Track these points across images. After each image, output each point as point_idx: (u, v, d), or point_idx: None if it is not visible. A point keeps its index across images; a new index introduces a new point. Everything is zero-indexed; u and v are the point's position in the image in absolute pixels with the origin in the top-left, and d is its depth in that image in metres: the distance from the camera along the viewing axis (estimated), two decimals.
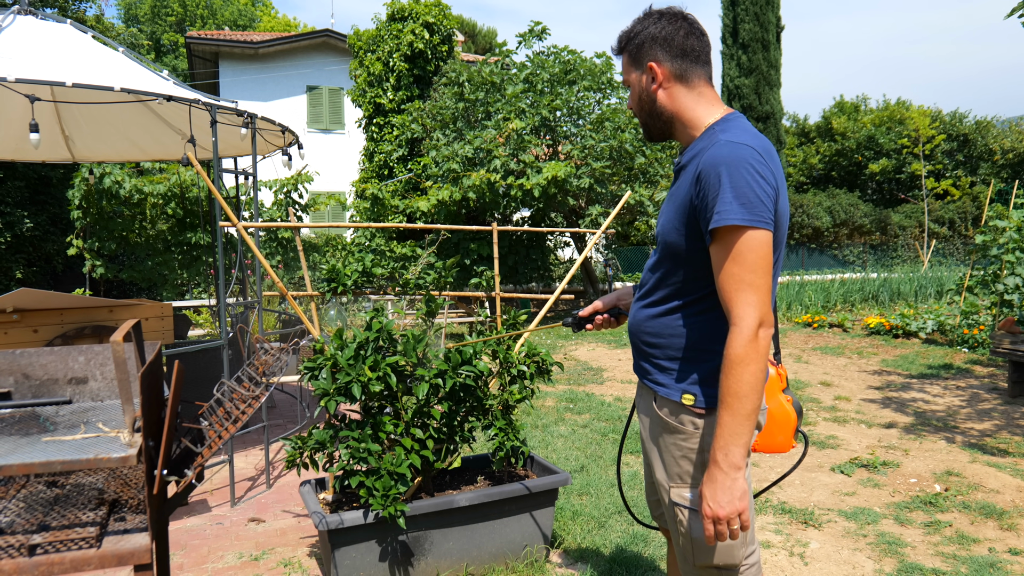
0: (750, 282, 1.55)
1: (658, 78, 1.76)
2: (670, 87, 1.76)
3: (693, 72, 1.75)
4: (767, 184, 1.57)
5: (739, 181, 1.55)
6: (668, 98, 1.77)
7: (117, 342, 1.86)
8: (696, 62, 1.75)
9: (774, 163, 1.64)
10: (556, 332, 11.50)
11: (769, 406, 1.90)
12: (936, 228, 24.82)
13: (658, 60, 1.75)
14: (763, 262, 1.55)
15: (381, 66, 15.19)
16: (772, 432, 1.93)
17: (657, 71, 1.75)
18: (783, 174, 1.69)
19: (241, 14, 39.89)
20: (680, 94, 1.76)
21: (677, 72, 1.75)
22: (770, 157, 1.64)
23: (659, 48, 1.74)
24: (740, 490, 1.55)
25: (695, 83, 1.76)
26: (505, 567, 3.13)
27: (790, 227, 22.74)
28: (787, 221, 1.71)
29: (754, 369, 1.53)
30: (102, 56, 4.38)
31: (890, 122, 27.98)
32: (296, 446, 2.94)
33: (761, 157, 1.60)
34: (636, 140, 11.57)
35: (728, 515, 1.55)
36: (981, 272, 8.60)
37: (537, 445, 4.99)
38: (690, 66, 1.75)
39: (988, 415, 5.68)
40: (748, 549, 1.76)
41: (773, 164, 1.64)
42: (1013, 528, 3.52)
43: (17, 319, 4.56)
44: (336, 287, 3.62)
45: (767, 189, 1.57)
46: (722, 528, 1.56)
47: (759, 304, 1.54)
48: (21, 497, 1.92)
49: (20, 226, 14.22)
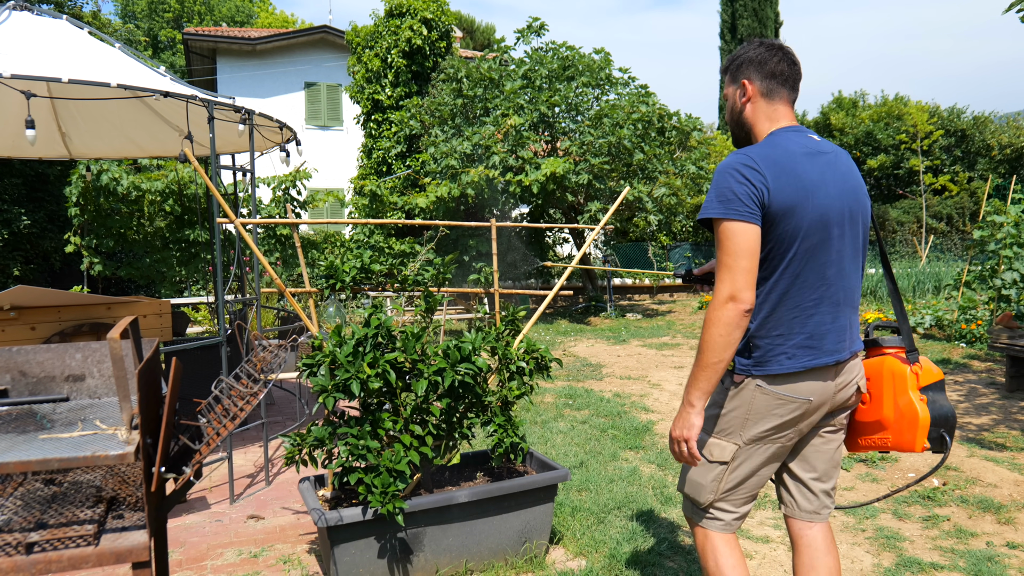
0: (727, 264, 1.88)
1: (748, 93, 2.10)
2: (756, 102, 2.09)
3: (777, 93, 2.08)
4: (750, 185, 1.88)
5: (721, 183, 1.92)
6: (752, 111, 2.10)
7: (115, 339, 1.86)
8: (783, 84, 2.08)
9: (773, 168, 1.91)
10: (555, 329, 11.50)
11: (899, 402, 2.03)
12: (934, 223, 24.84)
13: (750, 79, 2.09)
14: (738, 248, 1.87)
15: (379, 62, 15.16)
16: (900, 428, 2.03)
17: (748, 88, 2.10)
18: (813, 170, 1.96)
19: (239, 10, 39.78)
20: (760, 109, 2.09)
21: (764, 90, 2.08)
22: (768, 163, 1.92)
23: (753, 69, 2.09)
24: (689, 423, 1.93)
25: (776, 102, 2.08)
26: (504, 563, 3.13)
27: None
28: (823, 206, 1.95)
29: (716, 331, 1.87)
30: (99, 52, 4.36)
31: (888, 118, 27.96)
32: (295, 443, 2.94)
33: (750, 162, 1.92)
34: (634, 136, 11.56)
35: (676, 437, 1.96)
36: (979, 267, 8.61)
37: (536, 441, 4.99)
38: (776, 87, 2.07)
39: (986, 410, 5.69)
40: (721, 504, 2.09)
41: (769, 169, 1.91)
42: (1011, 522, 3.52)
43: (15, 316, 4.55)
44: (334, 284, 3.61)
45: (748, 189, 1.88)
46: (674, 447, 1.99)
47: (731, 282, 1.86)
48: (18, 495, 1.92)
49: (17, 223, 14.19)
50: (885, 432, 2.08)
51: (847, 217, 2.00)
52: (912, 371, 2.04)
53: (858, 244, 2.06)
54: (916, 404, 2.00)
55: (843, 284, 2.01)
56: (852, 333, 2.06)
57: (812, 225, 1.92)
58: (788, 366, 1.95)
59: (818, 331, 1.97)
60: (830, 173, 1.99)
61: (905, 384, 2.03)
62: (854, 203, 2.02)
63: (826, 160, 2.00)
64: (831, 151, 2.04)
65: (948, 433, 2.02)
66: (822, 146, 2.04)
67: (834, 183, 1.98)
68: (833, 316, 1.99)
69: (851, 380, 2.07)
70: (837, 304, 2.00)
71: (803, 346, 1.96)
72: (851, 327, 2.06)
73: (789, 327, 1.96)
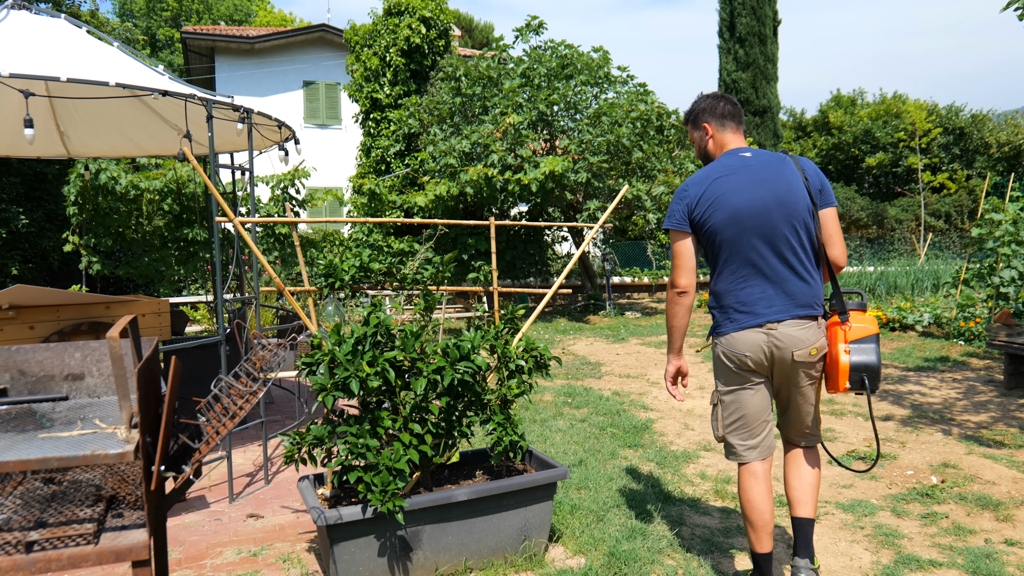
0: (673, 263, 2.75)
1: (709, 133, 2.84)
2: (715, 138, 2.84)
3: (727, 127, 2.82)
4: (682, 203, 2.70)
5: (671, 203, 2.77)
6: (712, 145, 2.85)
7: (114, 338, 1.86)
8: (731, 120, 2.81)
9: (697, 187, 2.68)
10: (555, 328, 11.50)
11: (832, 352, 2.63)
12: (932, 221, 24.84)
13: (708, 122, 2.84)
14: (675, 248, 2.74)
15: (378, 61, 15.14)
16: (830, 372, 2.65)
17: (709, 129, 2.84)
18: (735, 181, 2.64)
19: (237, 9, 39.71)
20: (716, 142, 2.83)
21: (719, 127, 2.82)
22: (694, 184, 2.70)
23: (708, 115, 2.84)
24: (667, 370, 2.90)
25: (727, 134, 2.82)
26: (504, 561, 3.13)
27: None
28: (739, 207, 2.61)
29: (670, 310, 2.77)
30: (97, 51, 4.35)
31: (887, 116, 27.96)
32: (294, 442, 2.94)
33: (685, 186, 2.73)
34: (633, 134, 11.55)
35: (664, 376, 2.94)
36: (977, 265, 8.61)
37: (535, 439, 5.00)
38: (726, 123, 2.82)
39: (984, 407, 5.70)
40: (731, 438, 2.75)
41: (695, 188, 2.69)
42: (1009, 519, 3.53)
43: (13, 316, 4.54)
44: (333, 282, 3.61)
45: (681, 206, 2.71)
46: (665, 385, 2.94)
47: (675, 275, 2.73)
48: (18, 494, 1.92)
49: (16, 223, 14.17)
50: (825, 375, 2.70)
51: (763, 212, 2.58)
52: (841, 329, 2.61)
53: (794, 232, 2.60)
54: (840, 354, 2.59)
55: (768, 263, 2.60)
56: (785, 302, 2.60)
57: (725, 222, 2.61)
58: (729, 328, 2.66)
59: (748, 300, 2.62)
60: (750, 180, 2.62)
61: (835, 339, 2.62)
62: (774, 201, 2.58)
63: (752, 171, 2.64)
64: (761, 162, 2.66)
65: (869, 378, 2.57)
66: (751, 160, 2.67)
67: (750, 188, 2.60)
68: (762, 289, 2.61)
69: (794, 341, 2.59)
70: (765, 280, 2.61)
71: (740, 312, 2.63)
72: (782, 297, 2.60)
73: (728, 300, 2.67)
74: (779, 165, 2.64)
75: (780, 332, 2.58)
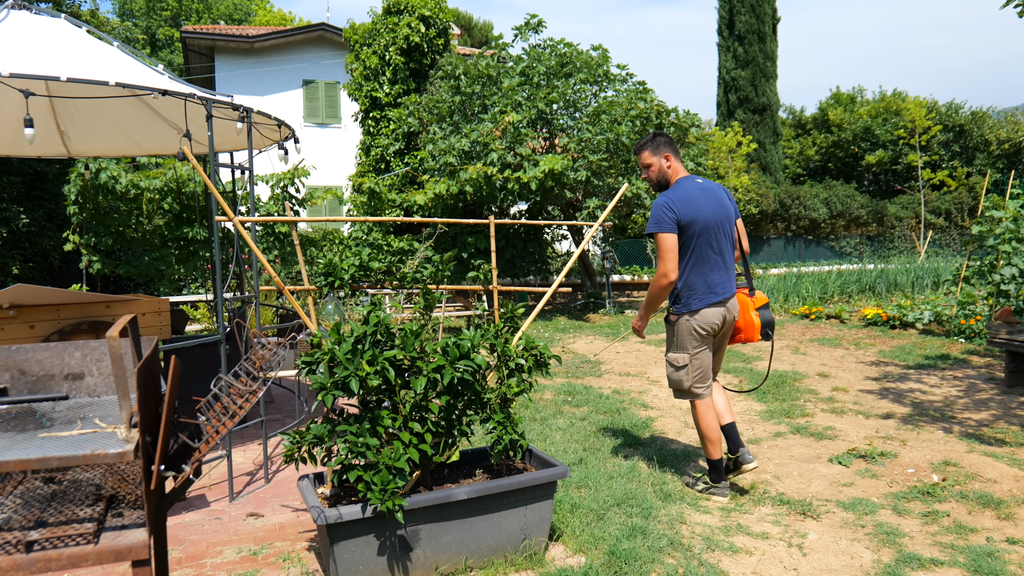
0: (662, 256, 3.65)
1: (669, 161, 3.81)
2: (672, 164, 3.82)
3: (677, 157, 3.84)
4: (669, 211, 3.62)
5: (657, 213, 3.66)
6: (671, 171, 3.82)
7: (113, 337, 1.86)
8: (677, 152, 3.84)
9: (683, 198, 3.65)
10: (554, 326, 11.50)
11: (747, 317, 3.89)
12: (932, 219, 24.83)
13: (667, 152, 3.81)
14: (666, 247, 3.62)
15: (377, 60, 15.13)
16: (748, 330, 3.91)
17: (670, 158, 3.81)
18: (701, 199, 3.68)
19: (236, 8, 39.69)
20: (673, 168, 3.82)
21: (674, 155, 3.83)
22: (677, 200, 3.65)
23: (667, 146, 3.82)
24: (638, 325, 4.02)
25: (676, 162, 3.83)
26: (504, 560, 3.13)
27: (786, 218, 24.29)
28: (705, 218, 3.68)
29: (654, 291, 3.73)
30: (97, 51, 4.35)
31: (886, 113, 27.93)
32: (294, 441, 2.94)
33: (670, 202, 3.65)
34: (632, 132, 11.54)
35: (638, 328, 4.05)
36: (977, 262, 8.60)
37: (535, 438, 5.00)
38: (677, 152, 3.84)
39: (985, 405, 5.70)
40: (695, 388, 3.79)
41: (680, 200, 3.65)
42: (1010, 517, 3.53)
43: (13, 315, 4.54)
44: (333, 281, 3.61)
45: (668, 214, 3.62)
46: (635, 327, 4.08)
47: (663, 264, 3.64)
48: (18, 493, 1.92)
49: (16, 222, 14.17)
50: (742, 333, 3.92)
51: (717, 222, 3.70)
52: (751, 300, 3.92)
53: (729, 236, 3.78)
54: (753, 317, 3.89)
55: (723, 258, 3.73)
56: (732, 285, 3.79)
57: (701, 228, 3.65)
58: (700, 305, 3.69)
59: (713, 282, 3.70)
60: (707, 199, 3.69)
61: (747, 307, 3.89)
62: (722, 214, 3.73)
63: (707, 192, 3.72)
64: (709, 187, 3.75)
65: (770, 329, 3.93)
66: (704, 185, 3.74)
67: (709, 205, 3.68)
68: (720, 274, 3.71)
69: (735, 310, 3.83)
70: (722, 268, 3.72)
71: (706, 292, 3.68)
72: (730, 280, 3.78)
73: (697, 283, 3.69)
74: (719, 190, 3.79)
75: (730, 304, 3.78)
